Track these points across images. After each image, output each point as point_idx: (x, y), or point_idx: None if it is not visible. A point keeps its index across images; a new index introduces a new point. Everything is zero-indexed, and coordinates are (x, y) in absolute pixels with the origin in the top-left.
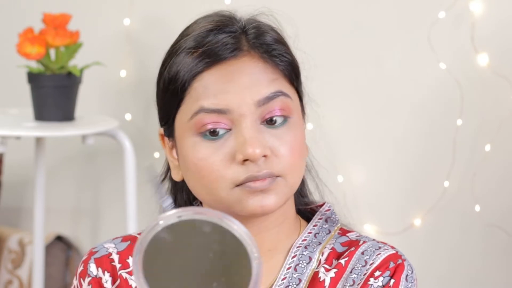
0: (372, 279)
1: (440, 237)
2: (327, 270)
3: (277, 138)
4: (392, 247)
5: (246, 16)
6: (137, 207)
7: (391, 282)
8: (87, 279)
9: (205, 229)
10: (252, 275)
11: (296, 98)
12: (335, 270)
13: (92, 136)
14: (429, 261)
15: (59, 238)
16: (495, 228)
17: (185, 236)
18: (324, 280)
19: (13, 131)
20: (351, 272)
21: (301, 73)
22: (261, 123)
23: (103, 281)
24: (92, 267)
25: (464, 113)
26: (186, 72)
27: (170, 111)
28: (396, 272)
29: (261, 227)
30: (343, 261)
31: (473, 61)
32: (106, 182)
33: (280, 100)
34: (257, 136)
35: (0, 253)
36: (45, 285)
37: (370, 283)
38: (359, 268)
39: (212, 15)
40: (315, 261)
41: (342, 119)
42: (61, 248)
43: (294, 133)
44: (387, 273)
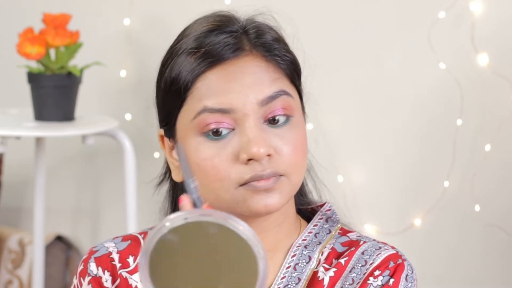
0: (372, 278)
1: (440, 237)
2: (326, 270)
3: (280, 138)
4: (393, 247)
5: (245, 16)
6: (137, 207)
7: (391, 282)
8: (87, 278)
9: (211, 231)
10: (259, 275)
11: (297, 97)
12: (335, 270)
13: (92, 136)
14: (429, 261)
15: (59, 238)
16: (495, 228)
17: (191, 238)
18: (323, 279)
19: (13, 131)
20: (351, 272)
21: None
22: (264, 123)
23: (103, 280)
24: (92, 266)
25: (464, 113)
26: (189, 73)
27: (172, 112)
28: (396, 272)
29: (262, 227)
30: (343, 261)
31: (473, 61)
32: (106, 182)
33: (283, 100)
34: (261, 135)
35: (0, 253)
36: (45, 285)
37: (370, 282)
38: (359, 268)
39: (212, 15)
40: (315, 261)
41: (342, 119)
42: (61, 248)
43: (296, 132)
44: (387, 273)
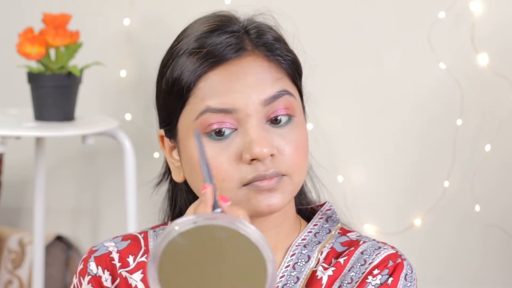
0: (370, 277)
1: (440, 237)
2: (325, 269)
3: (282, 138)
4: (392, 247)
5: (245, 16)
6: (137, 207)
7: (389, 280)
8: (87, 278)
9: (220, 234)
10: (268, 278)
11: (299, 97)
12: (333, 269)
13: (92, 136)
14: (429, 261)
15: (59, 238)
16: (495, 228)
17: (201, 242)
18: (322, 278)
19: (13, 131)
20: (350, 271)
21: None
22: (266, 123)
23: (103, 280)
24: (92, 266)
25: (464, 113)
26: (191, 73)
27: (174, 112)
28: (395, 271)
29: (262, 227)
30: (342, 260)
31: (473, 61)
32: (106, 182)
33: (285, 99)
34: (264, 136)
35: (0, 253)
36: (45, 285)
37: (368, 281)
38: (358, 267)
39: (212, 16)
40: (314, 260)
41: (342, 119)
42: (61, 248)
43: (298, 132)
44: (386, 272)
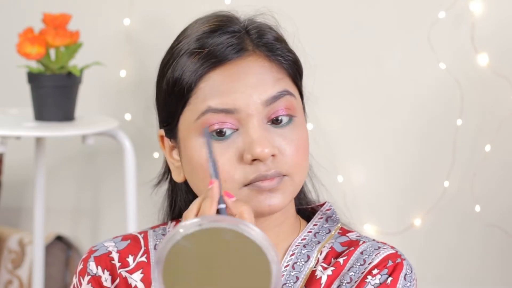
0: (370, 277)
1: (440, 237)
2: (325, 269)
3: (283, 138)
4: (392, 247)
5: (245, 16)
6: (137, 207)
7: (389, 280)
8: (87, 278)
9: (225, 236)
10: (272, 280)
11: (299, 97)
12: (333, 268)
13: (92, 136)
14: (429, 261)
15: (59, 238)
16: (495, 228)
17: (205, 244)
18: (321, 278)
19: (13, 131)
20: (349, 270)
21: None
22: (267, 123)
23: (103, 280)
24: (92, 266)
25: (464, 113)
26: (192, 73)
27: (175, 112)
28: (395, 271)
29: (263, 227)
30: (342, 260)
31: (473, 61)
32: (106, 182)
33: (286, 100)
34: (265, 136)
35: (0, 253)
36: (45, 285)
37: (367, 281)
38: (357, 267)
39: (212, 16)
40: (313, 260)
41: (342, 119)
42: (61, 248)
43: (299, 132)
44: (385, 271)
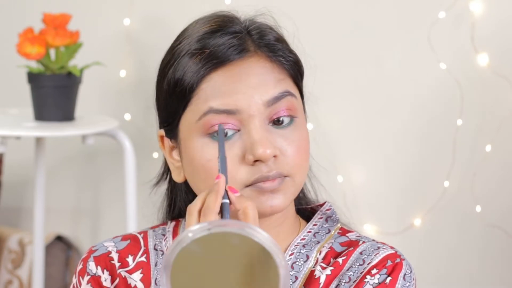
0: (369, 277)
1: (440, 237)
2: (324, 268)
3: (285, 138)
4: (392, 247)
5: (245, 17)
6: (137, 207)
7: (388, 280)
8: (86, 278)
9: (233, 241)
10: (280, 284)
11: (300, 98)
12: (332, 268)
13: (92, 136)
14: (429, 261)
15: (59, 238)
16: (495, 228)
17: (213, 248)
18: (320, 277)
19: (13, 131)
20: (348, 270)
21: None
22: (269, 123)
23: (102, 280)
24: (91, 265)
25: (464, 113)
26: (194, 74)
27: (176, 113)
28: (394, 271)
29: (263, 227)
30: (341, 260)
31: (473, 61)
32: (106, 182)
33: (287, 100)
34: (267, 137)
35: (0, 253)
36: (45, 285)
37: (366, 280)
38: (357, 267)
39: (212, 16)
40: (313, 260)
41: (342, 119)
42: (61, 248)
43: (300, 133)
44: (384, 271)
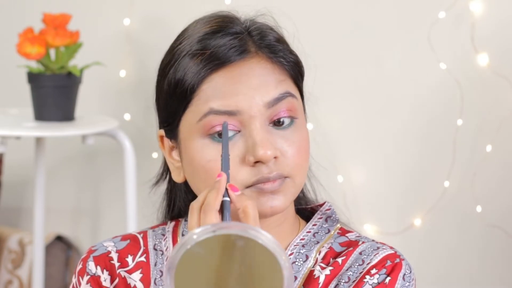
0: (368, 277)
1: (440, 237)
2: (323, 268)
3: (285, 140)
4: (391, 248)
5: (245, 17)
6: (137, 207)
7: (387, 280)
8: (86, 277)
9: (237, 242)
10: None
11: (300, 98)
12: (331, 268)
13: (92, 136)
14: (429, 261)
15: (59, 238)
16: (495, 228)
17: (217, 250)
18: (319, 277)
19: (13, 131)
20: (347, 270)
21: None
22: (269, 124)
23: (102, 280)
24: (91, 265)
25: (464, 113)
26: (195, 75)
27: (176, 113)
28: (394, 271)
29: (263, 227)
30: (340, 260)
31: (473, 61)
32: (106, 182)
33: (288, 101)
34: (268, 138)
35: (0, 253)
36: (45, 285)
37: (366, 280)
38: (356, 267)
39: (213, 16)
40: (312, 260)
41: (342, 119)
42: (61, 248)
43: (300, 134)
44: (383, 271)
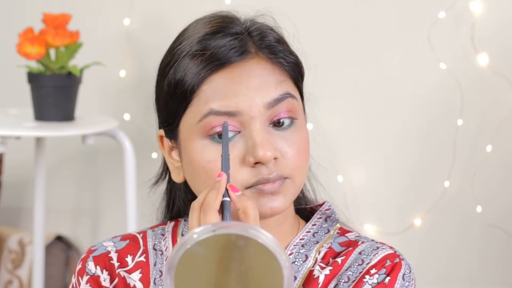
0: (368, 276)
1: (440, 237)
2: (322, 268)
3: (285, 140)
4: (391, 247)
5: (245, 17)
6: (137, 207)
7: (387, 280)
8: (85, 277)
9: (237, 242)
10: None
11: (300, 99)
12: (331, 268)
13: (92, 136)
14: (429, 261)
15: (59, 238)
16: (495, 228)
17: (217, 250)
18: (319, 277)
19: (13, 131)
20: (347, 270)
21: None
22: (269, 125)
23: (101, 280)
24: (91, 265)
25: (464, 113)
26: (194, 75)
27: (176, 114)
28: (393, 271)
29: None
30: (340, 260)
31: (473, 61)
32: (106, 182)
33: (288, 102)
34: (268, 139)
35: (0, 253)
36: (45, 285)
37: (365, 280)
38: (356, 267)
39: (213, 16)
40: (311, 260)
41: (342, 119)
42: (61, 248)
43: (300, 134)
44: (383, 271)
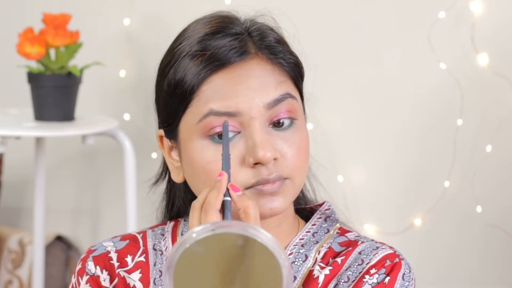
0: (367, 276)
1: (440, 237)
2: (322, 268)
3: (285, 141)
4: (391, 247)
5: (245, 17)
6: (137, 207)
7: (386, 280)
8: (85, 277)
9: (236, 241)
10: (283, 284)
11: (300, 99)
12: (330, 268)
13: (92, 136)
14: (429, 261)
15: (59, 238)
16: (495, 228)
17: (217, 249)
18: (318, 277)
19: (13, 131)
20: (347, 270)
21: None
22: (269, 126)
23: (101, 280)
24: (90, 265)
25: (464, 113)
26: (194, 76)
27: (176, 114)
28: (393, 270)
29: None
30: (340, 260)
31: (473, 61)
32: (106, 182)
33: (288, 103)
34: (267, 139)
35: (0, 253)
36: (45, 285)
37: (365, 280)
38: (355, 266)
39: (213, 16)
40: (311, 260)
41: (342, 119)
42: (61, 248)
43: (300, 135)
44: (383, 271)
